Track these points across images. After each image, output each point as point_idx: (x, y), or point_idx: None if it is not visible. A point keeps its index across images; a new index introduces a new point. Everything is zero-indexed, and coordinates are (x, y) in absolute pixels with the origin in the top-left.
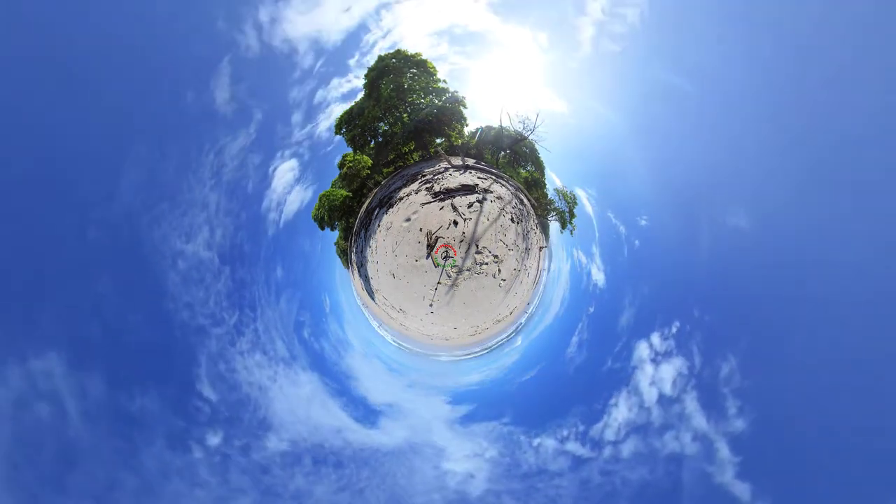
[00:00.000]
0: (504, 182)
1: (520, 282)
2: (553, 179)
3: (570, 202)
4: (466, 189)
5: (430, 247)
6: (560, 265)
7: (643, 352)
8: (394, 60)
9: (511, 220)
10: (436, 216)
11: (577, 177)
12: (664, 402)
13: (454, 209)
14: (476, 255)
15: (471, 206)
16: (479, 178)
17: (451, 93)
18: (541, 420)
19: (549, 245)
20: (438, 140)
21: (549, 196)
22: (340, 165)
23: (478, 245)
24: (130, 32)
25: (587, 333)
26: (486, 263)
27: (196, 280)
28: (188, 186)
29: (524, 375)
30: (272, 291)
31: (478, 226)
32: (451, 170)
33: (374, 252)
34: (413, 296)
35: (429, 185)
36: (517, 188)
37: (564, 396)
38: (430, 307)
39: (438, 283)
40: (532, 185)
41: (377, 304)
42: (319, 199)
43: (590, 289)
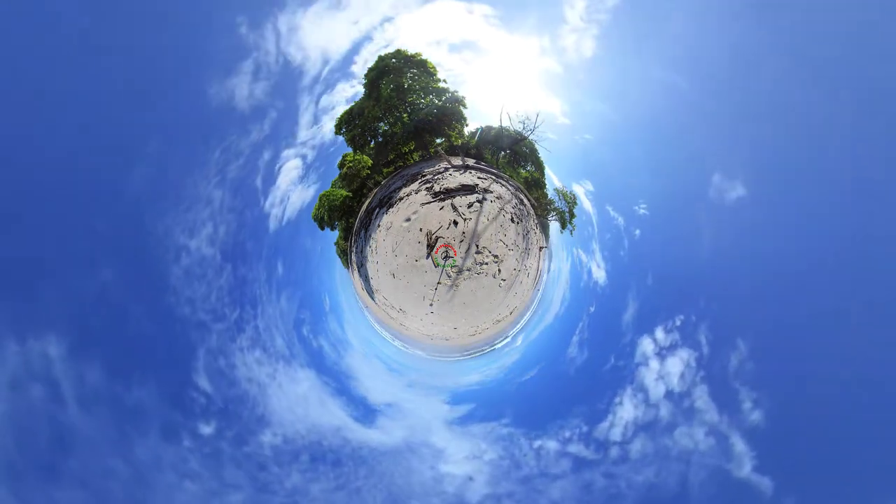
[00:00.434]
0: (504, 182)
1: (520, 282)
2: (553, 179)
3: (570, 202)
4: (466, 189)
5: (430, 247)
6: (560, 265)
7: (647, 347)
8: (394, 60)
9: (511, 220)
10: (436, 216)
11: (576, 173)
12: (673, 398)
13: (454, 209)
14: (476, 255)
15: (471, 206)
16: (479, 178)
17: (451, 93)
18: (541, 421)
19: (549, 245)
20: (438, 140)
21: (549, 196)
22: (340, 165)
23: (478, 245)
24: (158, 30)
25: (588, 332)
26: (486, 263)
27: (198, 275)
28: (193, 182)
29: (524, 375)
30: (273, 289)
31: (478, 226)
32: (451, 170)
33: (374, 252)
34: (413, 296)
35: (429, 185)
36: (517, 188)
37: (566, 396)
38: (430, 307)
39: (438, 283)
40: (532, 185)
41: (377, 304)
42: (319, 199)
43: (590, 286)
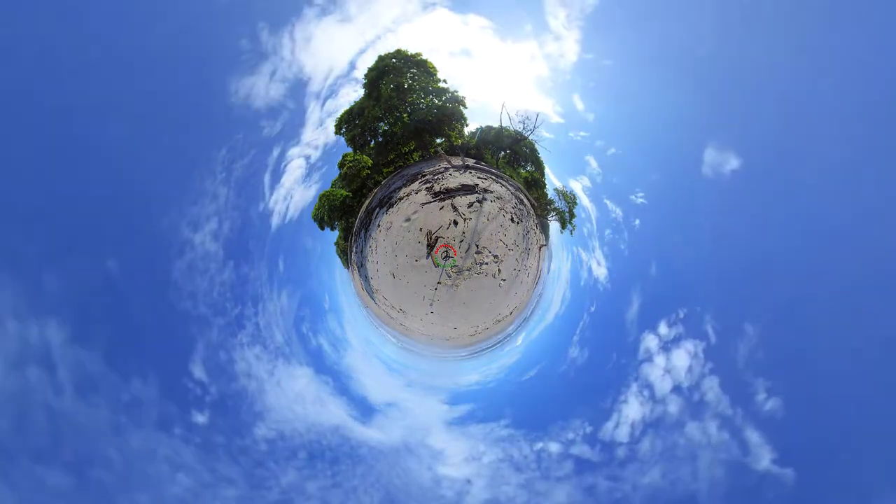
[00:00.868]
0: (504, 182)
1: (520, 281)
2: (552, 179)
3: (570, 202)
4: (466, 189)
5: (430, 247)
6: (560, 264)
7: (651, 342)
8: (394, 60)
9: (511, 220)
10: (436, 216)
11: (572, 169)
12: (681, 392)
13: (454, 209)
14: (476, 255)
15: (471, 206)
16: (479, 178)
17: (451, 93)
18: (542, 422)
19: (549, 244)
20: (438, 140)
21: (549, 196)
22: (340, 165)
23: (478, 245)
24: (183, 32)
25: (590, 330)
26: (486, 263)
27: (201, 270)
28: (199, 177)
29: (524, 375)
30: (274, 286)
31: (478, 226)
32: (451, 170)
33: (374, 252)
34: (413, 296)
35: (429, 185)
36: (517, 188)
37: (567, 397)
38: (430, 307)
39: (438, 283)
40: (532, 185)
41: (377, 304)
42: (319, 199)
43: (591, 284)
